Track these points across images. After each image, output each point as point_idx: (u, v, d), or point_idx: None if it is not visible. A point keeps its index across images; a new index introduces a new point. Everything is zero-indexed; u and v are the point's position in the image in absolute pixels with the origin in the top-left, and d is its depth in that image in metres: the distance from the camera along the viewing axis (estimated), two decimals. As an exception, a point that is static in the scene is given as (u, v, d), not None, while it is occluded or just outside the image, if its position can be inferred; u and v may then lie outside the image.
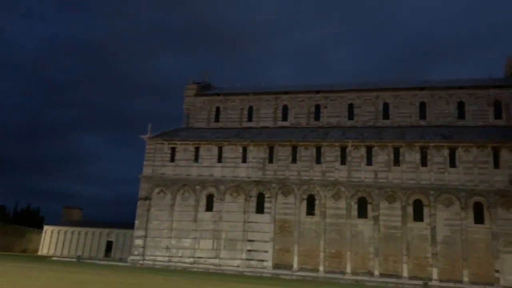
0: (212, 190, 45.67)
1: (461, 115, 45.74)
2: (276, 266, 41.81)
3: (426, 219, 39.58)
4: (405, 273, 38.57)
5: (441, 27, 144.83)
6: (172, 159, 47.79)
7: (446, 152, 40.74)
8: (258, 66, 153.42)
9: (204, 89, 55.87)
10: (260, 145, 45.74)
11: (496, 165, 39.36)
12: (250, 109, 52.20)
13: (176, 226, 45.39)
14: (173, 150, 48.06)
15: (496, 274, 36.72)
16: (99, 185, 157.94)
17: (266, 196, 44.18)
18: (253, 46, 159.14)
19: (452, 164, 40.37)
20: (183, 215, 45.56)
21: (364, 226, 40.86)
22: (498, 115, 44.80)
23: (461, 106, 45.95)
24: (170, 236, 45.17)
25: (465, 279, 37.07)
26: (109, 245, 61.84)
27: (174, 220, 45.60)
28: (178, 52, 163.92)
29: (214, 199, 45.40)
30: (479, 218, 38.53)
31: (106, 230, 62.57)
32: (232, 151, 46.37)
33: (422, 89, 47.67)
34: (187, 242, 44.64)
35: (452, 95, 46.43)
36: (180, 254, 44.45)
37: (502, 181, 38.75)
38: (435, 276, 37.80)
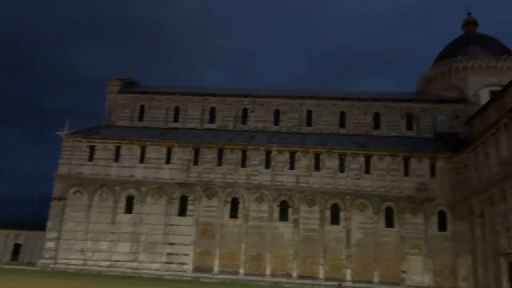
0: (132, 191, 44.18)
1: (377, 125, 48.73)
2: (196, 269, 41.43)
3: (342, 223, 41.56)
4: (321, 275, 40.13)
5: (363, 42, 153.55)
6: (91, 158, 45.54)
7: (362, 159, 43.11)
8: (187, 67, 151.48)
9: (128, 86, 54.01)
10: (186, 146, 45.16)
11: (406, 173, 42.38)
12: (177, 110, 51.38)
13: (92, 228, 43.25)
14: (92, 148, 45.80)
15: (403, 275, 39.49)
16: (9, 182, 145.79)
17: (189, 198, 43.66)
18: (182, 47, 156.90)
19: (367, 171, 42.80)
20: (101, 217, 43.57)
21: (285, 229, 41.91)
22: (409, 127, 48.34)
23: (377, 117, 48.98)
24: (86, 238, 42.94)
25: (376, 279, 39.41)
26: (17, 248, 57.21)
27: (91, 222, 43.45)
28: (103, 46, 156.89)
29: (135, 200, 43.96)
30: (389, 222, 41.21)
31: (14, 232, 57.79)
32: (155, 152, 45.27)
33: (343, 99, 50.09)
34: (104, 245, 42.71)
35: (369, 106, 49.34)
36: (96, 257, 42.40)
37: (411, 188, 41.79)
38: (348, 277, 39.77)
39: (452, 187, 41.15)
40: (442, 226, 40.66)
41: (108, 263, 42.04)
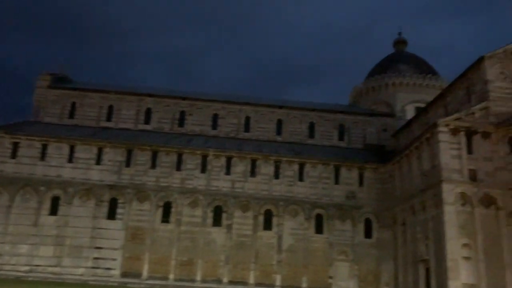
0: (58, 192, 41.88)
1: (312, 134, 50.24)
2: (124, 274, 40.02)
3: (275, 228, 42.21)
4: (252, 280, 40.40)
5: (301, 54, 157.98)
6: (14, 156, 42.58)
7: (296, 167, 44.15)
8: (124, 67, 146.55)
9: (59, 82, 51.31)
10: (118, 147, 43.64)
11: (337, 181, 43.98)
12: (110, 109, 49.58)
13: (12, 231, 40.36)
14: (15, 145, 42.83)
15: (330, 280, 40.83)
16: None
17: (119, 201, 42.19)
18: (120, 45, 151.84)
19: (301, 178, 43.87)
20: (22, 219, 40.78)
21: (218, 234, 41.77)
22: (341, 137, 50.35)
23: (312, 126, 50.49)
24: (4, 241, 39.98)
25: (304, 284, 40.37)
26: None
27: (10, 223, 40.53)
28: (32, 38, 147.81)
29: (60, 202, 41.67)
30: (319, 229, 42.48)
31: None
32: (85, 152, 43.27)
33: (280, 107, 51.11)
34: (23, 248, 39.98)
35: (305, 115, 50.76)
36: (14, 262, 39.55)
37: (340, 195, 43.41)
38: (278, 282, 40.39)
39: (378, 196, 43.32)
40: (368, 233, 42.60)
41: (27, 268, 39.37)
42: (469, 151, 33.11)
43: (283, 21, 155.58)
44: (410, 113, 50.92)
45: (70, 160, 42.99)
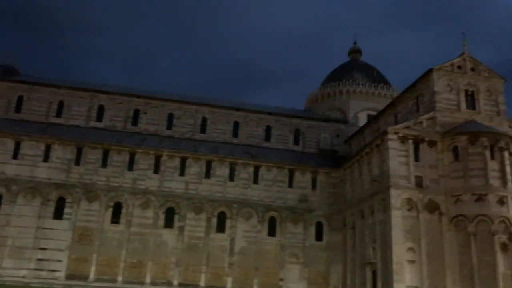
0: (1, 190, 39.74)
1: (268, 137, 50.64)
2: (70, 277, 38.51)
3: (228, 231, 42.11)
4: (202, 283, 40.07)
5: (260, 58, 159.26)
6: (-48, 150, 40.01)
7: (251, 169, 44.31)
8: (77, 61, 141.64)
9: (7, 74, 48.75)
10: (67, 145, 42.05)
11: (290, 184, 44.55)
12: (60, 104, 47.67)
13: None
14: (-46, 139, 40.28)
15: (280, 282, 41.23)
16: None
17: (67, 201, 40.62)
18: (75, 40, 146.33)
19: (255, 181, 44.08)
20: (-42, 217, 38.35)
21: (169, 236, 41.12)
22: (296, 142, 51.11)
23: (268, 130, 50.91)
24: None
25: (255, 287, 40.53)
26: None
27: None
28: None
29: (3, 200, 39.55)
30: (272, 231, 42.83)
31: None
32: (32, 148, 41.34)
33: (237, 109, 51.16)
34: (-41, 250, 37.59)
35: (262, 119, 51.11)
36: None
37: (293, 199, 44.00)
38: (229, 285, 40.30)
39: (329, 200, 44.29)
40: (319, 236, 43.42)
41: (-37, 270, 37.04)
42: (416, 158, 34.60)
43: (243, 25, 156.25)
44: (362, 120, 52.57)
45: (15, 156, 40.93)
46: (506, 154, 33.27)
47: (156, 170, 42.85)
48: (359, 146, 45.43)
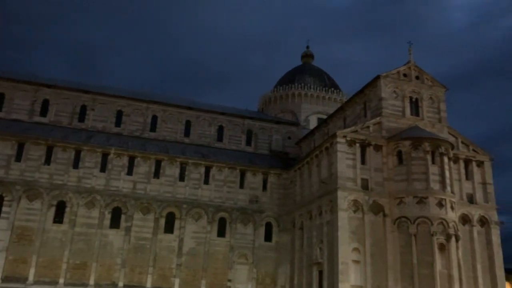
0: None
1: (220, 138, 50.44)
2: (6, 279, 36.39)
3: (176, 232, 41.48)
4: (149, 284, 39.21)
5: (214, 59, 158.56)
6: None
7: (202, 169, 43.95)
8: (21, 53, 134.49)
9: None
10: (7, 140, 39.78)
11: (242, 185, 44.61)
12: (1, 97, 45.06)
13: None
14: None
15: (229, 283, 41.16)
16: None
17: (6, 199, 38.40)
18: (17, 32, 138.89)
19: (206, 181, 43.75)
20: None
21: (115, 237, 39.91)
22: (248, 142, 51.27)
23: (220, 130, 50.73)
24: None
25: (203, 288, 40.24)
26: None
27: None
28: None
29: None
30: (221, 232, 42.68)
31: None
32: (-33, 142, 38.79)
33: (189, 108, 50.58)
34: None
35: (214, 119, 50.84)
36: None
37: (244, 199, 44.08)
38: (176, 286, 39.68)
39: (279, 201, 44.77)
40: (268, 237, 43.77)
41: None
42: (363, 161, 35.74)
43: (197, 24, 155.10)
44: (313, 123, 53.69)
45: None
46: (446, 159, 35.10)
47: (103, 168, 41.49)
48: (309, 148, 46.32)
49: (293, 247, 41.93)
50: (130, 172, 42.10)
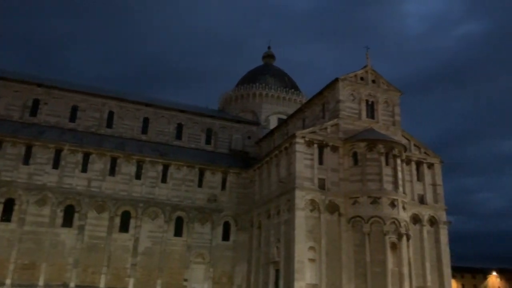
0: None
1: (179, 136, 49.80)
2: None
3: (131, 231, 40.60)
4: (102, 284, 38.14)
5: (176, 56, 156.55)
6: None
7: (160, 168, 43.24)
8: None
9: None
10: (-49, 133, 37.57)
11: (200, 184, 44.26)
12: None
13: None
14: None
15: (185, 283, 40.72)
16: None
17: None
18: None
19: (164, 180, 43.09)
20: None
21: (67, 236, 38.56)
22: (208, 141, 50.93)
23: (179, 127, 50.09)
24: None
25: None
26: None
27: None
28: None
29: None
30: (178, 231, 42.16)
31: None
32: None
33: (148, 105, 49.62)
34: None
35: (173, 116, 50.14)
36: None
37: (202, 199, 43.75)
38: (131, 286, 38.82)
39: (238, 200, 44.77)
40: (226, 236, 43.67)
41: None
42: (320, 162, 36.39)
43: (161, 22, 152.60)
44: (273, 123, 54.07)
45: None
46: (398, 161, 36.32)
47: (56, 165, 40.02)
48: (269, 148, 46.63)
49: (250, 246, 42.07)
50: (84, 169, 40.83)
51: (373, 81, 40.55)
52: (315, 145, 36.38)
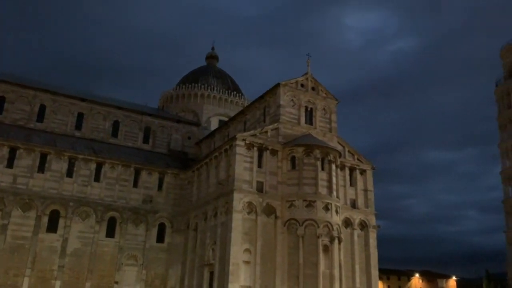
0: None
1: (115, 133, 48.12)
2: None
3: (60, 231, 38.58)
4: (25, 287, 35.87)
5: (115, 54, 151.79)
6: None
7: (93, 166, 41.52)
8: None
9: None
10: None
11: (135, 184, 43.02)
12: None
13: None
14: None
15: (116, 285, 39.31)
16: None
17: None
18: None
19: (97, 178, 41.41)
20: None
21: (-13, 236, 35.87)
22: (146, 140, 49.65)
23: (116, 125, 48.41)
24: None
25: (87, 291, 37.90)
26: None
27: None
28: None
29: None
30: (110, 232, 40.66)
31: None
32: None
33: (83, 100, 47.51)
34: None
35: (110, 113, 48.37)
36: None
37: (137, 199, 42.54)
38: (57, 289, 36.89)
39: (175, 202, 44.04)
40: (160, 238, 42.76)
41: None
42: (259, 165, 36.74)
43: (101, 18, 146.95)
44: (214, 124, 53.89)
45: None
46: (333, 166, 37.58)
47: (-23, 159, 37.13)
48: (209, 149, 46.36)
49: (185, 249, 41.51)
50: (10, 165, 38.30)
51: (313, 88, 41.65)
52: (255, 148, 36.70)
